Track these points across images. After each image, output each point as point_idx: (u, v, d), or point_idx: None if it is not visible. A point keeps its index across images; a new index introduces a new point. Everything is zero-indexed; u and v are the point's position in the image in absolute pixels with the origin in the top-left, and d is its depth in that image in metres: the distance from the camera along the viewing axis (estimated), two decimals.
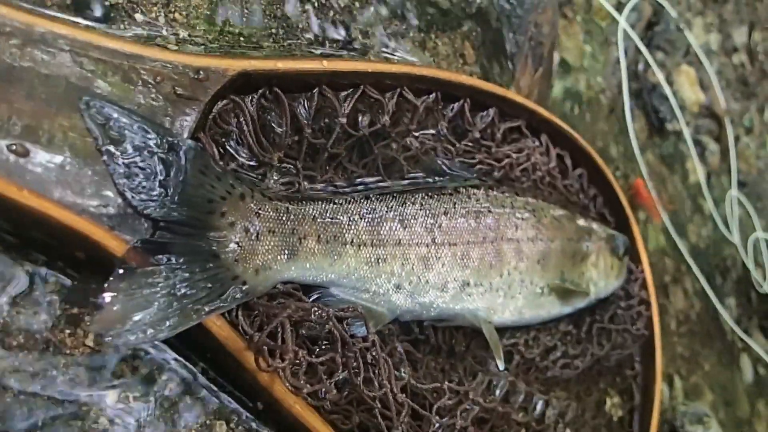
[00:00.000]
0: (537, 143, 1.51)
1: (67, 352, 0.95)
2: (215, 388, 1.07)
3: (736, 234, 2.21)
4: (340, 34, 1.32)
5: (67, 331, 0.96)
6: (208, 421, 1.06)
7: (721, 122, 2.34)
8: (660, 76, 1.99)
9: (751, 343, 2.29)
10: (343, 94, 1.18)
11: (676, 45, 2.21)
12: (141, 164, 0.89)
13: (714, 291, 2.16)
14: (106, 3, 1.05)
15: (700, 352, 2.12)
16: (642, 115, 2.12)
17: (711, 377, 2.13)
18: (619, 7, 1.96)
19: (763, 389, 2.35)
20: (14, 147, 0.82)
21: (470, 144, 1.38)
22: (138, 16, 1.08)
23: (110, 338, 0.86)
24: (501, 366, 1.23)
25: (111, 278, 0.87)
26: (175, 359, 1.03)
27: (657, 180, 2.10)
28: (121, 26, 1.06)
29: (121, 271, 0.88)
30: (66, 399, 0.95)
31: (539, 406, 1.40)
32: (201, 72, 0.98)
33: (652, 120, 2.14)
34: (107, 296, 0.86)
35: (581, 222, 1.50)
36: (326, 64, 1.13)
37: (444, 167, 1.30)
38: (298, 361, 0.99)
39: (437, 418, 1.17)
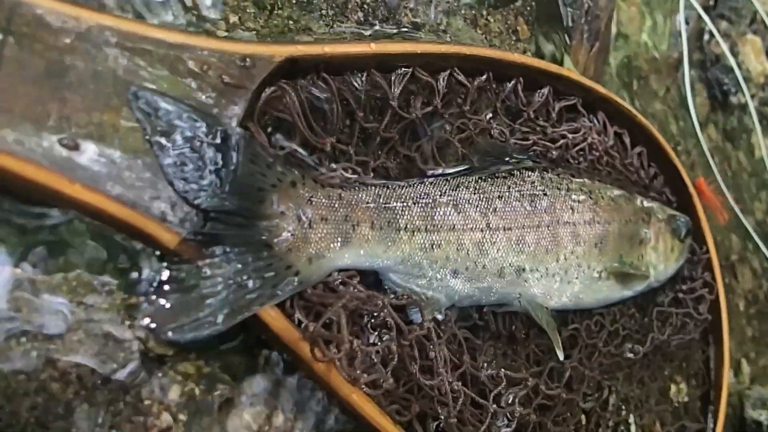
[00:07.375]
0: (594, 122, 1.46)
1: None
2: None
3: None
4: (390, 13, 1.28)
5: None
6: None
7: None
8: (724, 47, 1.90)
9: None
10: (393, 77, 1.16)
11: (741, 13, 2.10)
12: (190, 154, 0.88)
13: None
14: None
15: None
16: (704, 88, 2.03)
17: None
18: None
19: None
20: (65, 141, 0.82)
21: (525, 124, 1.35)
22: (188, 1, 1.06)
23: (166, 334, 0.86)
24: (561, 356, 1.20)
25: (163, 272, 0.87)
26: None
27: (720, 155, 2.01)
28: (171, 14, 1.05)
29: (173, 263, 0.87)
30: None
31: (603, 393, 1.36)
32: (247, 59, 0.95)
33: (715, 93, 2.04)
34: (161, 291, 0.86)
35: (640, 203, 1.45)
36: (374, 47, 1.10)
37: (499, 149, 1.27)
38: (353, 351, 0.97)
39: (495, 406, 1.15)
